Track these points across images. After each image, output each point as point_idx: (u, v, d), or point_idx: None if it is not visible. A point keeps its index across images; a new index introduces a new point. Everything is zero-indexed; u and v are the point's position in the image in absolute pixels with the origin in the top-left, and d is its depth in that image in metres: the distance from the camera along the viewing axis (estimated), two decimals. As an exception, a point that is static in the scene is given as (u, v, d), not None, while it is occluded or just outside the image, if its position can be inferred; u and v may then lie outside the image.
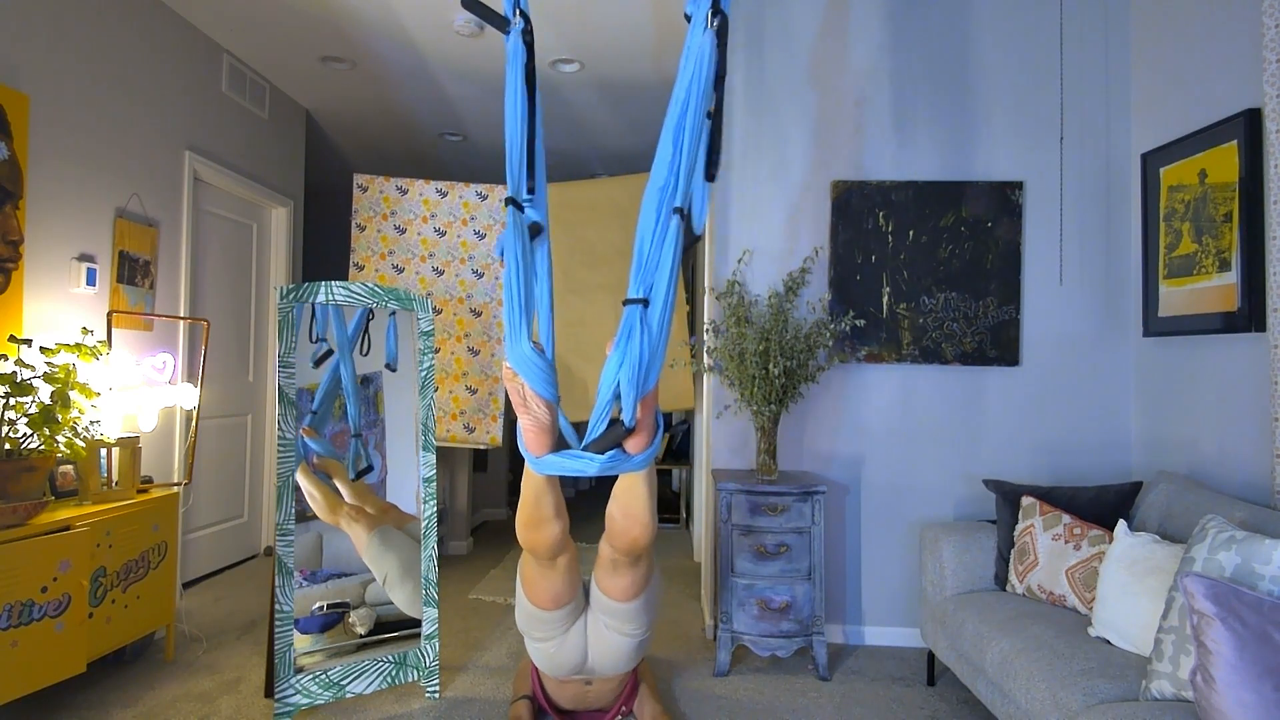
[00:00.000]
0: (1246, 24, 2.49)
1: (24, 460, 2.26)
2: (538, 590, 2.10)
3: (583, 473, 1.66)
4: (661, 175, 1.62)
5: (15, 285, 2.59)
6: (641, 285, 1.59)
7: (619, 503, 1.97)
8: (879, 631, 3.22)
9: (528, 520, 1.98)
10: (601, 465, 1.62)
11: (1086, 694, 1.79)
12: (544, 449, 1.68)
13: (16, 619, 2.10)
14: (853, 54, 3.26)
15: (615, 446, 1.61)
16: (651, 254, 1.59)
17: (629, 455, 1.65)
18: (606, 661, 2.19)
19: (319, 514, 2.51)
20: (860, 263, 3.21)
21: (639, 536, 1.95)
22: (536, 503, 1.96)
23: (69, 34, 2.87)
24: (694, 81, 1.65)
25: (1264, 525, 1.93)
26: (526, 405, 1.66)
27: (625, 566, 2.04)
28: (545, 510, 1.97)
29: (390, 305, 2.68)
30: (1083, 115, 3.19)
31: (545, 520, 1.97)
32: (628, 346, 1.55)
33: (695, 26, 1.70)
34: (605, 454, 1.61)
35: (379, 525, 2.60)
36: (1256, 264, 2.41)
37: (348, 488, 2.59)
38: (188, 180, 3.62)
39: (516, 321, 1.62)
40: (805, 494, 2.82)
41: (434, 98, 4.63)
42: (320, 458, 2.54)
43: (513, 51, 1.76)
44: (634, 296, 1.58)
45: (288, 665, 2.35)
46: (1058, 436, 3.18)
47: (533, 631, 2.17)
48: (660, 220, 1.60)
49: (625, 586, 2.06)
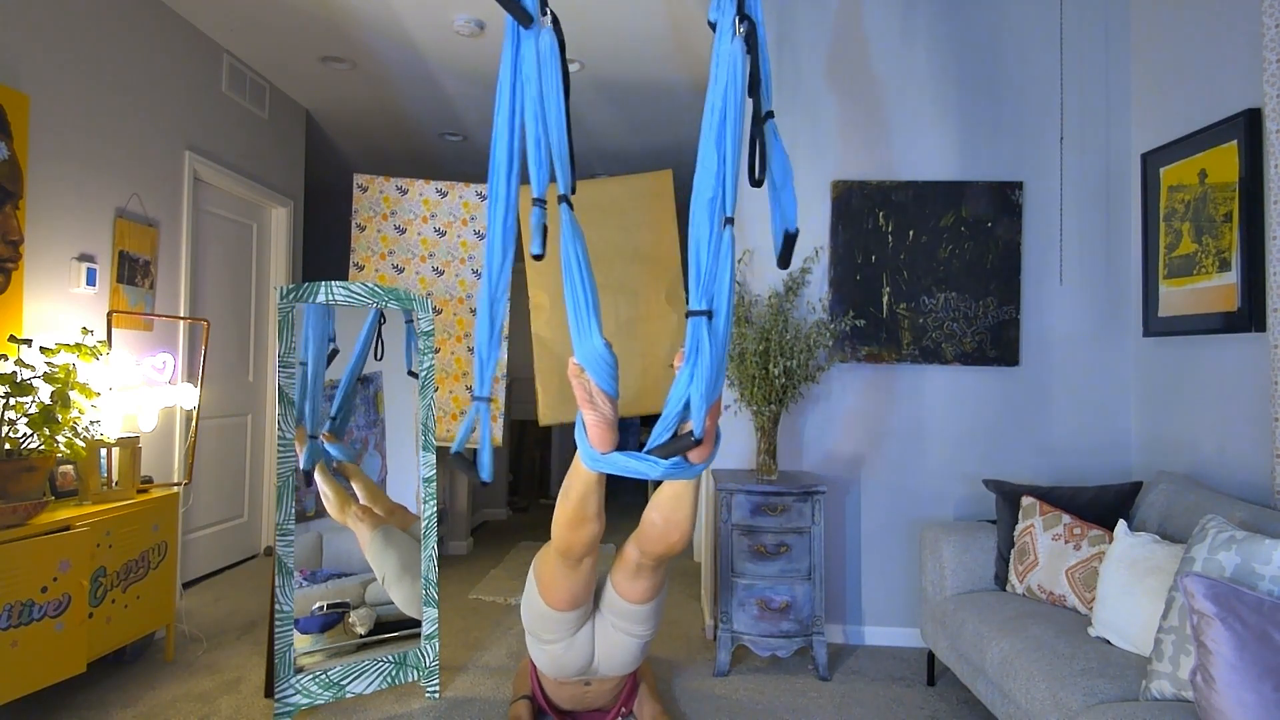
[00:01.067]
0: (1246, 24, 2.49)
1: (24, 460, 2.26)
2: (556, 591, 2.07)
3: (645, 475, 1.66)
4: (709, 186, 1.62)
5: (15, 285, 2.59)
6: (704, 297, 1.59)
7: (663, 509, 1.98)
8: (879, 631, 3.22)
9: (571, 519, 1.96)
10: (665, 470, 1.63)
11: (1086, 694, 1.79)
12: (610, 445, 1.68)
13: (16, 619, 2.10)
14: (852, 54, 3.25)
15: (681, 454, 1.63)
16: (709, 265, 1.60)
17: (690, 464, 1.67)
18: (613, 662, 2.20)
19: (330, 512, 2.55)
20: (860, 263, 3.21)
21: (677, 543, 1.98)
22: (583, 501, 1.94)
23: (69, 34, 2.87)
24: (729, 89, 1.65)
25: (1264, 525, 1.93)
26: (593, 401, 1.66)
27: (649, 571, 2.06)
28: (590, 509, 1.95)
29: (390, 305, 2.68)
30: (1083, 115, 3.19)
31: (588, 519, 1.96)
32: (698, 359, 1.57)
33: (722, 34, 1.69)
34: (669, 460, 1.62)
35: (382, 524, 2.62)
36: (1256, 264, 2.41)
37: (364, 490, 2.63)
38: (188, 180, 3.62)
39: (585, 318, 1.62)
40: (805, 494, 2.82)
41: (434, 98, 4.63)
42: (339, 462, 2.59)
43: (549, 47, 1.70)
44: (697, 309, 1.59)
45: (288, 665, 2.35)
46: (1058, 436, 3.18)
47: (542, 633, 2.15)
48: (714, 231, 1.61)
49: (644, 590, 2.08)
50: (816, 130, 3.25)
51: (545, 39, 1.69)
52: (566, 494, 1.96)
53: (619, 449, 1.69)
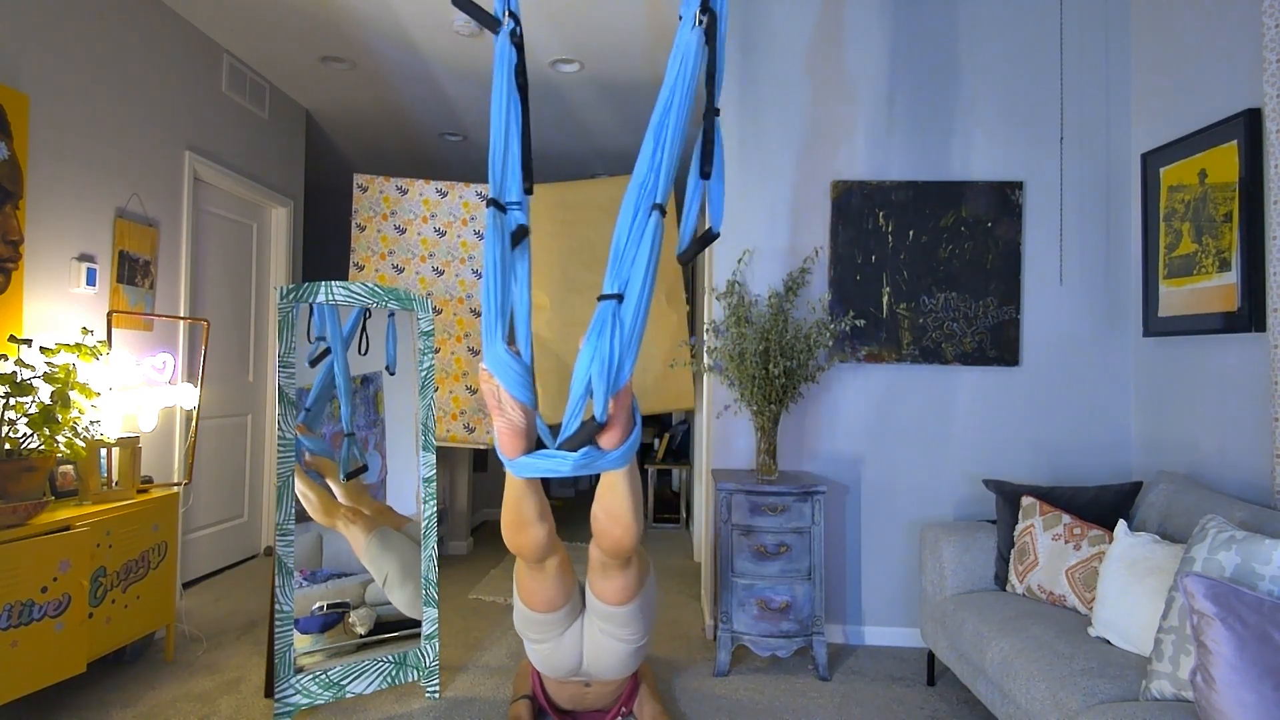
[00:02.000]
0: (1246, 24, 2.49)
1: (24, 460, 2.26)
2: (530, 593, 2.09)
3: (556, 472, 1.63)
4: (642, 172, 1.62)
5: (15, 285, 2.59)
6: (616, 280, 1.57)
7: (601, 503, 1.95)
8: (879, 631, 3.22)
9: (510, 523, 1.97)
10: (575, 463, 1.59)
11: (1086, 694, 1.79)
12: (518, 451, 1.67)
13: (16, 619, 2.10)
14: (852, 54, 3.26)
15: (588, 443, 1.59)
16: (628, 249, 1.58)
17: (604, 451, 1.63)
18: (602, 666, 2.18)
19: (314, 516, 2.50)
20: (860, 263, 3.21)
21: (621, 537, 1.92)
22: (518, 506, 1.95)
23: (69, 34, 2.87)
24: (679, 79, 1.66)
25: (1264, 525, 1.93)
26: (501, 407, 1.66)
27: (615, 569, 2.02)
28: (527, 513, 1.95)
29: (390, 306, 2.68)
30: (1083, 115, 3.19)
31: (528, 523, 1.96)
32: (598, 342, 1.54)
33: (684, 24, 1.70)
34: (579, 451, 1.58)
35: (377, 527, 2.60)
36: (1256, 264, 2.41)
37: (340, 488, 2.58)
38: (188, 180, 3.62)
39: (493, 324, 1.62)
40: (805, 494, 2.82)
41: (434, 98, 4.63)
42: (313, 455, 2.53)
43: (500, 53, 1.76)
44: (608, 292, 1.57)
45: (288, 665, 2.35)
46: (1058, 436, 3.18)
47: (528, 633, 2.17)
48: (638, 216, 1.59)
49: (617, 589, 2.04)
50: (816, 130, 3.25)
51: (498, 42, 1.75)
52: (505, 500, 1.97)
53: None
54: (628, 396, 1.63)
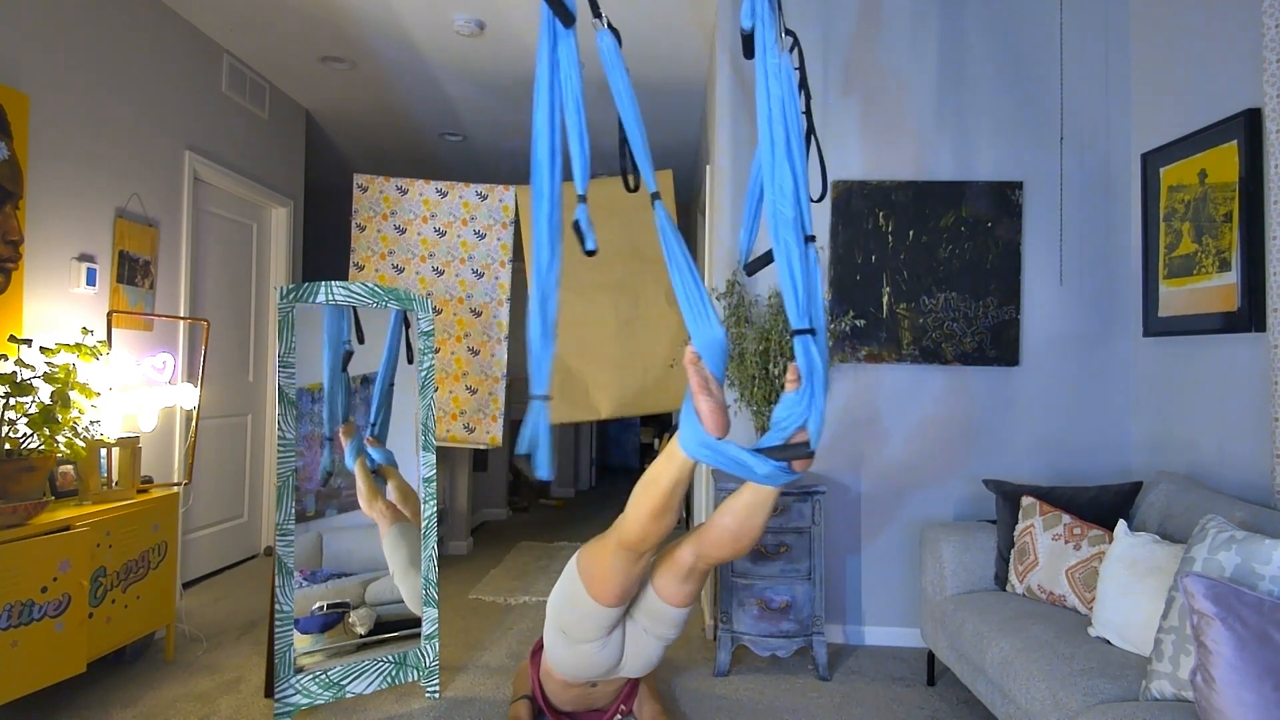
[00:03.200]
0: (1246, 24, 2.49)
1: (24, 460, 2.26)
2: (610, 586, 1.99)
3: (748, 469, 1.67)
4: (788, 206, 1.66)
5: (15, 285, 2.59)
6: (804, 316, 1.66)
7: (738, 515, 1.94)
8: (879, 631, 3.22)
9: (658, 508, 1.87)
10: (770, 469, 1.66)
11: (1086, 694, 1.79)
12: (726, 431, 1.70)
13: (16, 619, 2.10)
14: (852, 54, 3.25)
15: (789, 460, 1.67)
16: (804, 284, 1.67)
17: (792, 472, 1.70)
18: (637, 664, 2.19)
19: (360, 503, 2.65)
20: (860, 263, 3.21)
21: (743, 550, 1.98)
22: (674, 490, 1.86)
23: (69, 34, 2.87)
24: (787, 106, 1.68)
25: (1264, 525, 1.93)
26: (709, 388, 1.68)
27: (699, 575, 2.05)
28: (677, 499, 1.89)
29: (390, 305, 2.68)
30: (1083, 115, 3.19)
31: (672, 510, 1.90)
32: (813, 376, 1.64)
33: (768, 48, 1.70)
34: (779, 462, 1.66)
35: (399, 521, 2.68)
36: (1256, 264, 2.41)
37: (398, 491, 2.70)
38: (188, 180, 3.62)
39: (700, 307, 1.65)
40: (805, 494, 2.82)
41: (434, 98, 4.63)
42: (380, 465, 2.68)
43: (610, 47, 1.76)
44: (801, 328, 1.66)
45: (288, 665, 2.35)
46: (1058, 436, 3.18)
47: (582, 632, 2.08)
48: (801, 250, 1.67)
49: (689, 594, 2.07)
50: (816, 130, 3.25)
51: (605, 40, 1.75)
52: (655, 483, 1.86)
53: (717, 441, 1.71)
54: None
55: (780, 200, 1.67)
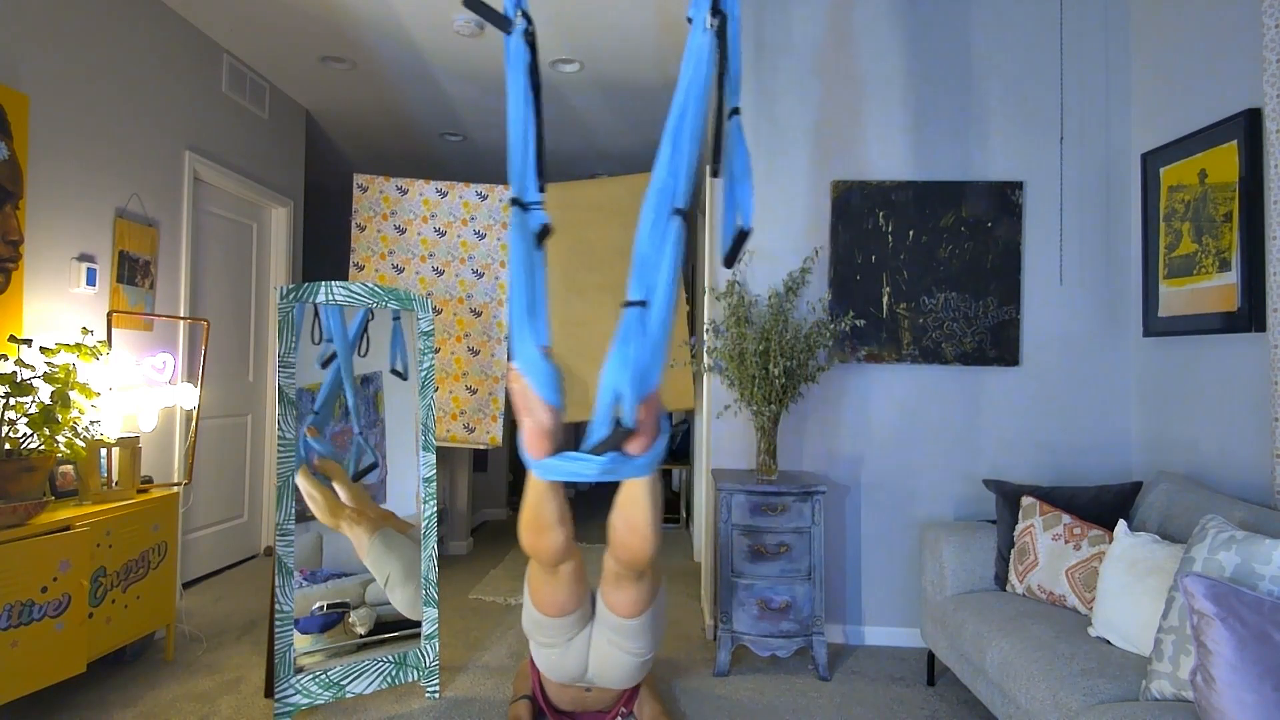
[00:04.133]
0: (1246, 24, 2.49)
1: (24, 460, 2.26)
2: (541, 596, 2.07)
3: (581, 476, 1.61)
4: (661, 177, 1.62)
5: (15, 285, 2.59)
6: (641, 287, 1.57)
7: (621, 513, 1.92)
8: (879, 631, 3.22)
9: (530, 526, 1.95)
10: (601, 467, 1.59)
11: (1086, 694, 1.79)
12: (544, 453, 1.65)
13: (16, 619, 2.10)
14: (853, 54, 3.25)
15: (616, 449, 1.58)
16: (651, 255, 1.58)
17: (630, 458, 1.63)
18: (607, 675, 2.17)
19: (319, 516, 2.50)
20: (860, 263, 3.21)
21: (639, 549, 1.89)
22: (539, 509, 1.93)
23: (69, 34, 2.87)
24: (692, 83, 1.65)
25: (1264, 525, 1.93)
26: (529, 408, 1.65)
27: (629, 581, 2.00)
28: (547, 516, 1.93)
29: (390, 306, 2.68)
30: (1083, 115, 3.19)
31: (547, 527, 1.94)
32: (625, 348, 1.54)
33: (695, 28, 1.69)
34: (605, 456, 1.58)
35: (380, 528, 2.60)
36: (1256, 264, 2.41)
37: (346, 490, 2.58)
38: (188, 180, 3.62)
39: (524, 324, 1.61)
40: (805, 494, 2.82)
41: (434, 98, 4.63)
42: (321, 459, 2.54)
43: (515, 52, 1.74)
44: (633, 299, 1.57)
45: (288, 665, 2.35)
46: (1058, 436, 3.18)
47: (537, 635, 2.15)
48: (659, 220, 1.59)
49: (629, 602, 2.02)
50: (816, 130, 3.25)
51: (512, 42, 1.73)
52: (525, 501, 1.95)
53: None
54: (656, 403, 1.62)
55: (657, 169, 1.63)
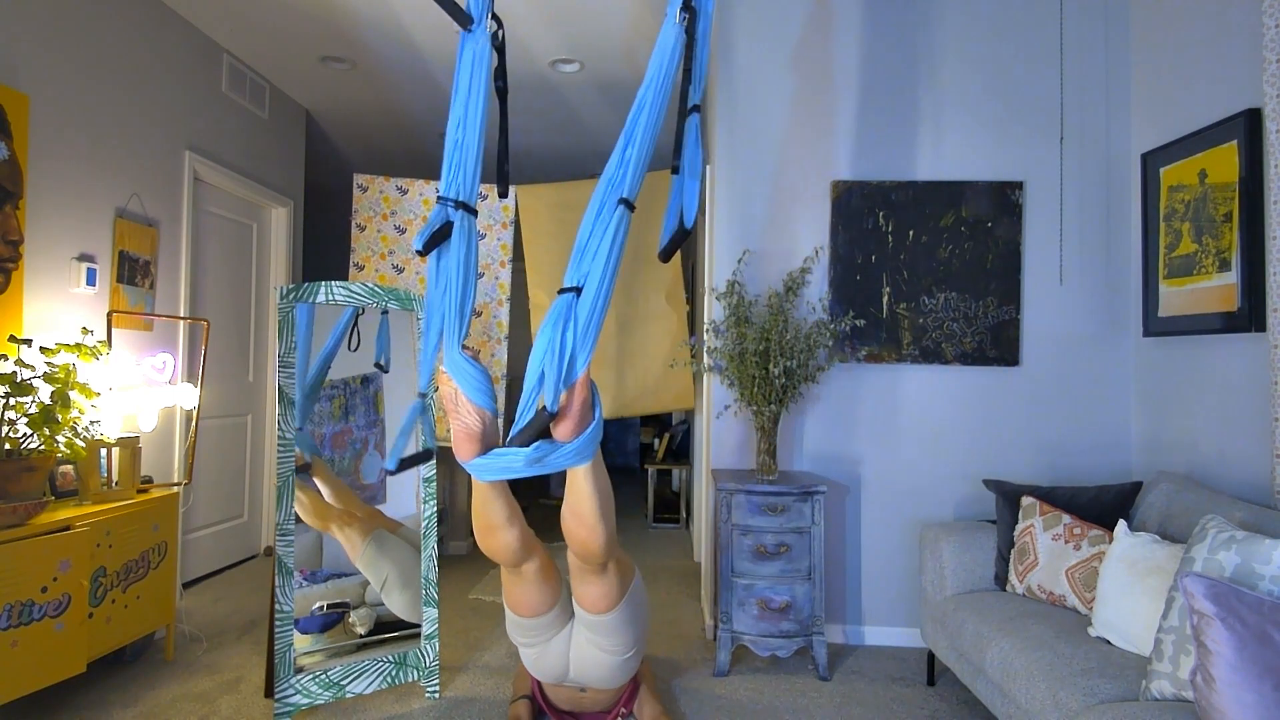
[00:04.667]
0: (1246, 24, 2.49)
1: (24, 460, 2.26)
2: (512, 597, 2.08)
3: (511, 470, 1.57)
4: (612, 167, 1.61)
5: (15, 285, 2.59)
6: (577, 274, 1.56)
7: (567, 504, 1.89)
8: (879, 631, 3.22)
9: (480, 528, 1.95)
10: (528, 459, 1.53)
11: (1086, 694, 1.79)
12: (472, 454, 1.62)
13: (16, 619, 2.10)
14: (852, 54, 3.25)
15: (540, 436, 1.54)
16: (591, 243, 1.56)
17: (559, 444, 1.58)
18: (588, 675, 2.16)
19: (306, 519, 2.45)
20: (860, 263, 3.21)
21: (586, 539, 1.86)
22: (484, 510, 1.92)
23: (69, 34, 2.87)
24: (654, 76, 1.64)
25: (1264, 525, 1.93)
26: (457, 410, 1.63)
27: (591, 574, 1.98)
28: (494, 517, 1.92)
29: (389, 305, 2.68)
30: (1083, 115, 3.19)
31: (496, 527, 1.92)
32: (552, 333, 1.52)
33: (666, 21, 1.69)
34: (531, 446, 1.53)
35: (373, 530, 2.57)
36: (1256, 264, 2.41)
37: (332, 489, 2.54)
38: (188, 180, 3.62)
39: (454, 326, 1.60)
40: (805, 494, 2.82)
41: (434, 98, 4.63)
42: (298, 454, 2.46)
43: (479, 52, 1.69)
44: (568, 285, 1.55)
45: (288, 665, 2.35)
46: (1058, 436, 3.18)
47: (516, 636, 2.17)
48: (604, 210, 1.58)
49: (596, 596, 2.00)
50: (816, 130, 3.25)
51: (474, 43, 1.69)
52: (473, 503, 1.95)
53: None
54: (585, 389, 1.59)
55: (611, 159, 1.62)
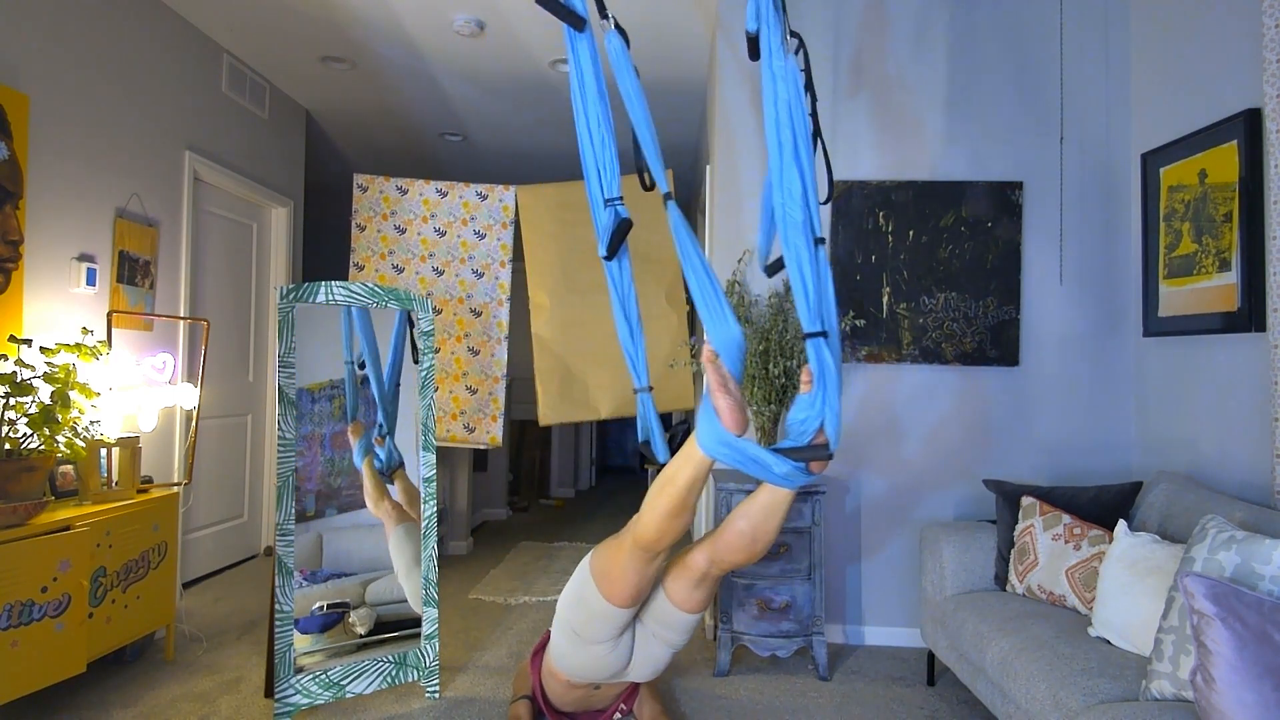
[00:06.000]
0: (1246, 24, 2.49)
1: (24, 460, 2.26)
2: (623, 586, 1.98)
3: (767, 469, 1.69)
4: (797, 209, 1.66)
5: (15, 285, 2.59)
6: (815, 319, 1.65)
7: (753, 519, 1.93)
8: (879, 631, 3.22)
9: (674, 508, 1.86)
10: (788, 470, 1.68)
11: (1086, 694, 1.79)
12: (745, 429, 1.72)
13: (16, 619, 2.10)
14: (852, 54, 3.25)
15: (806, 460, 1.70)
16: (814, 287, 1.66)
17: (808, 474, 1.73)
18: (644, 669, 2.19)
19: (367, 502, 2.66)
20: (860, 263, 3.21)
21: (757, 554, 1.97)
22: (691, 488, 1.85)
23: (69, 34, 2.87)
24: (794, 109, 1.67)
25: (1264, 525, 1.93)
26: (727, 386, 1.69)
27: (712, 581, 2.05)
28: (694, 497, 1.88)
29: (390, 305, 2.68)
30: (1083, 115, 3.19)
31: (689, 509, 1.89)
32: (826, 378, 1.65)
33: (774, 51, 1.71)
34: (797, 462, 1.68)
35: (405, 521, 2.69)
36: (1256, 264, 2.41)
37: (404, 492, 2.70)
38: (188, 180, 3.62)
39: (717, 305, 1.66)
40: (805, 494, 2.82)
41: (434, 98, 4.63)
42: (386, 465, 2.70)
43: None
44: (814, 330, 1.65)
45: (288, 665, 2.35)
46: (1058, 436, 3.18)
47: (593, 633, 2.07)
48: (810, 253, 1.67)
49: (702, 600, 2.07)
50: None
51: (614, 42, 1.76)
52: (672, 481, 1.85)
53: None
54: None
55: (789, 203, 1.66)
